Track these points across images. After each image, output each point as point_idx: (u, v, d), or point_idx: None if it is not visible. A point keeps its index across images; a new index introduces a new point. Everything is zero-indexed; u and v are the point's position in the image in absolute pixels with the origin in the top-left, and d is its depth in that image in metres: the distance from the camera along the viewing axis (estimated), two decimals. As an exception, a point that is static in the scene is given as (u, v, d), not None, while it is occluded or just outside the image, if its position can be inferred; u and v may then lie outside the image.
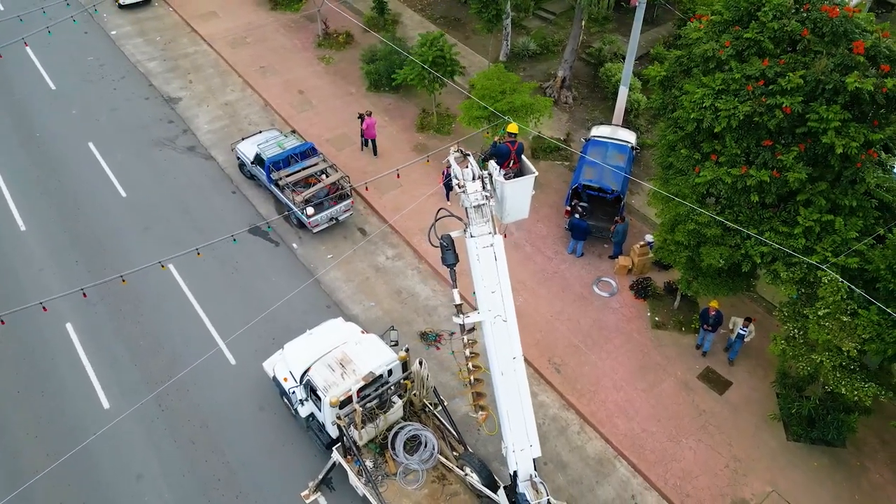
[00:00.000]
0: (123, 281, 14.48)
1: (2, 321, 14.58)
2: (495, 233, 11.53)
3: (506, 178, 11.77)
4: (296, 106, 27.23)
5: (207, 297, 20.02)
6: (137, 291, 19.71)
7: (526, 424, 12.30)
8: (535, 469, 12.70)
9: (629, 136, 23.57)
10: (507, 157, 11.85)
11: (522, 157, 12.09)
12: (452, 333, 19.10)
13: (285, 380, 16.21)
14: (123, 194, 23.31)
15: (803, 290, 15.33)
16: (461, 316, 11.76)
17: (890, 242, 14.54)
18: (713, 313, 17.79)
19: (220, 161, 24.77)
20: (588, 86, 28.23)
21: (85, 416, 17.12)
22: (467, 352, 12.12)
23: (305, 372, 15.52)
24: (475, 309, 11.85)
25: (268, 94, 27.81)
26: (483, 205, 11.30)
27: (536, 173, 12.01)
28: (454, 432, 15.30)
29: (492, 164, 11.83)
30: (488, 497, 14.12)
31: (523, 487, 12.49)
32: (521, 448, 12.36)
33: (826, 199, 14.77)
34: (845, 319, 14.34)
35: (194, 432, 16.91)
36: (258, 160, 22.45)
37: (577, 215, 20.84)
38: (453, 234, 11.81)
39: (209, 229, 21.92)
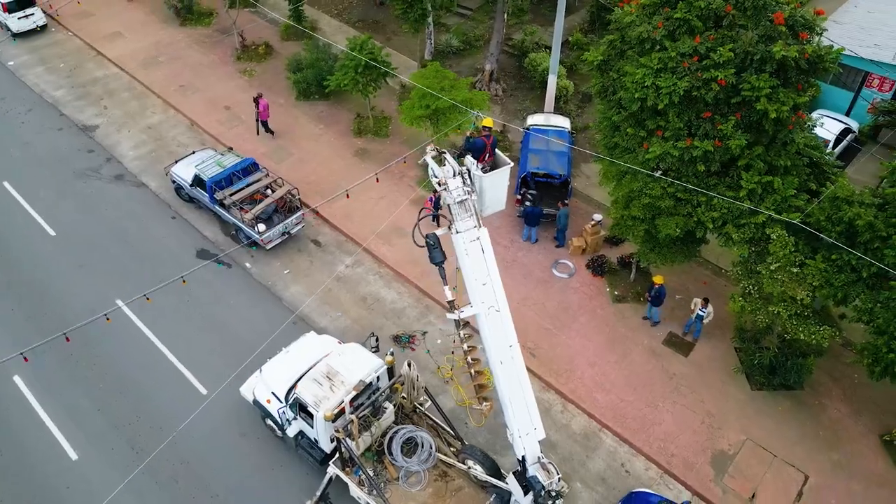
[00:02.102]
0: (108, 319, 13.87)
1: None
2: (479, 226, 11.72)
3: (482, 172, 12.00)
4: (224, 123, 26.37)
5: (165, 329, 19.12)
6: (86, 333, 18.38)
7: (528, 408, 12.58)
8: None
9: (564, 122, 24.33)
10: (483, 151, 12.07)
11: (496, 149, 12.34)
12: (425, 333, 19.18)
13: (268, 401, 15.79)
14: (52, 233, 21.88)
15: (754, 249, 16.43)
16: (456, 311, 11.88)
17: (825, 196, 15.86)
18: (656, 286, 18.53)
19: (152, 187, 23.67)
20: (515, 77, 28.87)
21: (52, 471, 16.05)
22: (465, 346, 12.26)
23: (291, 390, 15.18)
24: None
25: (192, 113, 26.79)
26: (465, 199, 11.46)
27: (511, 164, 12.34)
28: (448, 429, 15.39)
29: (468, 158, 12.00)
30: (494, 486, 14.32)
31: (533, 470, 12.76)
32: (526, 432, 12.63)
33: (763, 162, 15.88)
34: (795, 270, 15.52)
35: (175, 470, 16.18)
36: (198, 181, 21.60)
37: (528, 203, 21.36)
38: (438, 233, 11.89)
39: (154, 258, 21.00)
